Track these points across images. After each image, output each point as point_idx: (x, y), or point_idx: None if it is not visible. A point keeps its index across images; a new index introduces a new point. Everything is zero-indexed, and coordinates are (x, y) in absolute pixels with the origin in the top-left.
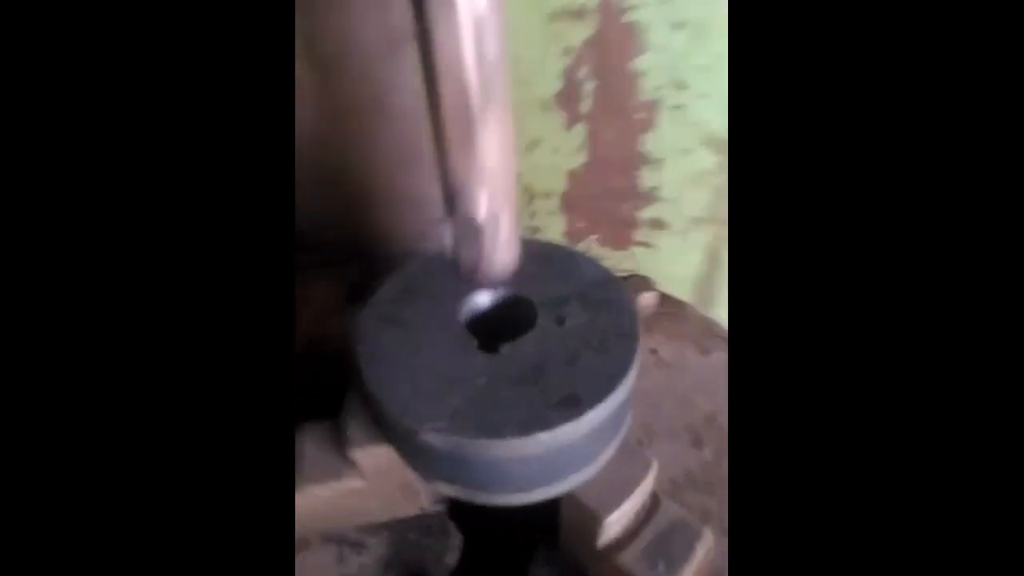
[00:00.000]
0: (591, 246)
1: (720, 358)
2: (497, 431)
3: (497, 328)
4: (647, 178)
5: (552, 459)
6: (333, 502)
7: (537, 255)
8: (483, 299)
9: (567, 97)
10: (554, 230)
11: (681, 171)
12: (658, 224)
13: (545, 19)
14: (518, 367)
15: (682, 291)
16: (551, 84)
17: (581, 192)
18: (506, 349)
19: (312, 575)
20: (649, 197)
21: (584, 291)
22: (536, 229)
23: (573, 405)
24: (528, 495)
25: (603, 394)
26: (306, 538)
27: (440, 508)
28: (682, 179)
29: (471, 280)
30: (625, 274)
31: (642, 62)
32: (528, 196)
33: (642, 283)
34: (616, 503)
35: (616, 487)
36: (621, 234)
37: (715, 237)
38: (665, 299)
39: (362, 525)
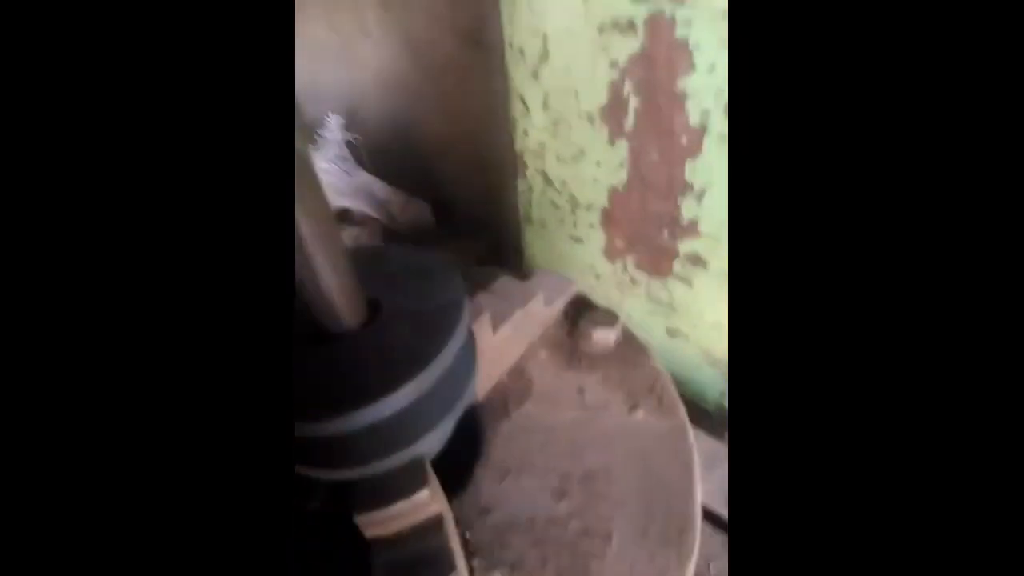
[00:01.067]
0: (627, 266)
1: (642, 420)
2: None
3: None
4: (688, 208)
5: (331, 445)
6: None
7: (421, 269)
8: None
9: (612, 111)
10: (593, 244)
11: (724, 206)
12: (697, 261)
13: (595, 30)
14: (328, 363)
15: (719, 339)
16: (598, 97)
17: (622, 210)
18: (324, 349)
19: None
20: (690, 229)
21: (425, 311)
22: (577, 239)
23: (334, 405)
24: (315, 472)
25: (362, 402)
26: None
27: None
28: (725, 215)
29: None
30: (601, 306)
31: (689, 83)
32: (572, 205)
33: (606, 317)
34: (372, 507)
35: (382, 491)
36: (659, 261)
37: None
38: (629, 339)
39: None
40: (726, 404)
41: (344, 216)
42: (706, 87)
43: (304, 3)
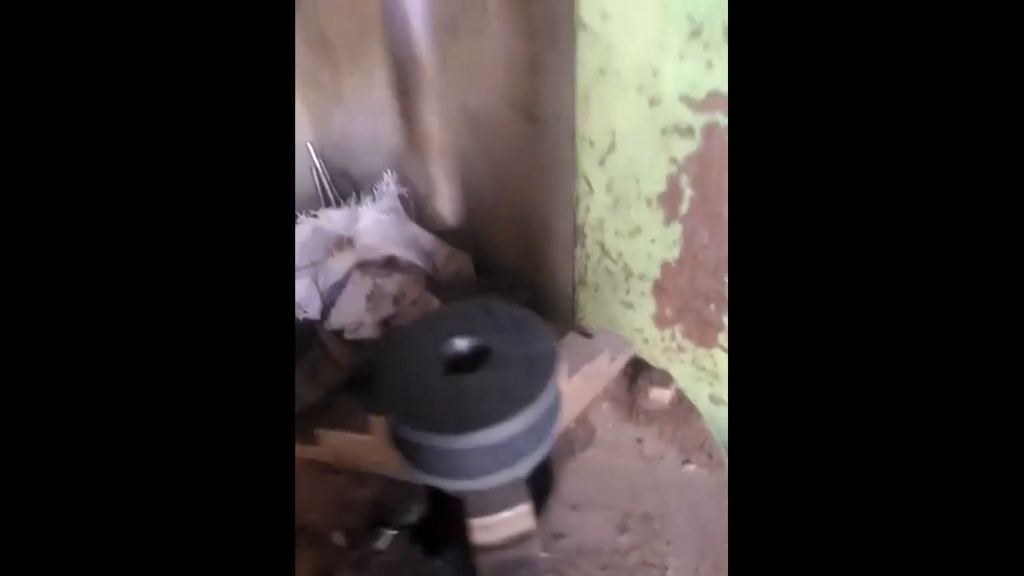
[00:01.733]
0: (676, 334)
1: (694, 472)
2: (413, 426)
3: (468, 364)
4: None
5: (456, 457)
6: (354, 447)
7: (517, 321)
8: (462, 345)
9: (669, 198)
10: (644, 311)
11: None
12: None
13: (657, 131)
14: (457, 393)
15: None
16: (657, 185)
17: (672, 283)
18: (454, 382)
19: (329, 492)
20: None
21: (528, 357)
22: (628, 304)
23: (464, 425)
24: (440, 481)
25: (487, 424)
26: (331, 466)
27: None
28: None
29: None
30: (656, 368)
31: None
32: (625, 274)
33: (662, 377)
34: (484, 511)
35: (491, 502)
36: (704, 332)
37: None
38: (682, 399)
39: (371, 471)
40: None
41: (391, 262)
42: None
43: (371, 68)
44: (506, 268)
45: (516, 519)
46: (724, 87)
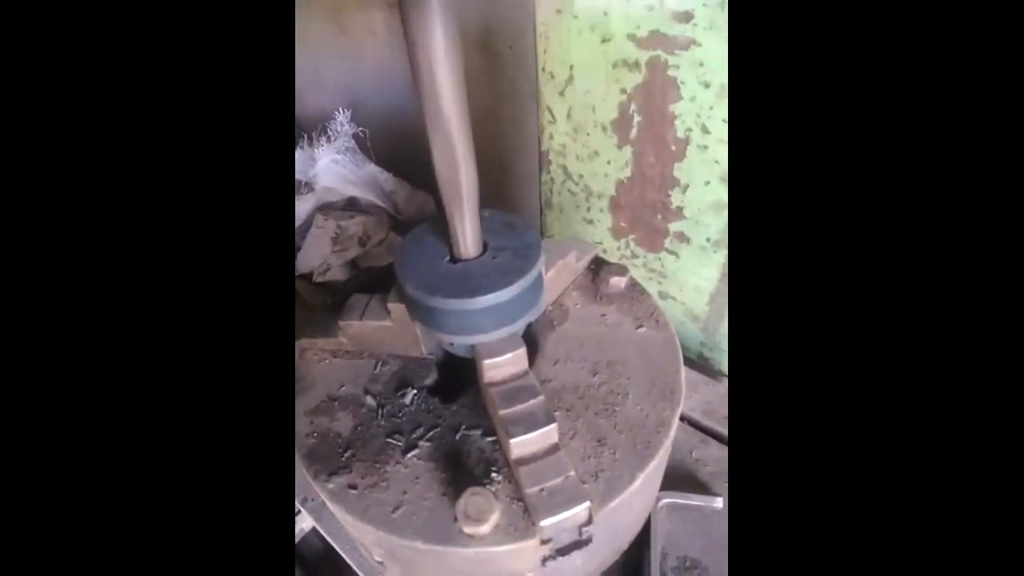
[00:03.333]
0: (629, 243)
1: (645, 332)
2: (435, 296)
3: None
4: (676, 198)
5: (469, 319)
6: (376, 332)
7: (508, 224)
8: None
9: (620, 124)
10: (603, 224)
11: (702, 198)
12: (682, 238)
13: (609, 65)
14: (465, 273)
15: (699, 301)
16: (610, 113)
17: (625, 198)
18: (460, 266)
19: (354, 371)
20: (676, 213)
21: (517, 247)
22: (589, 220)
23: (474, 292)
24: (458, 338)
25: (490, 291)
26: (361, 352)
27: (431, 356)
28: (703, 204)
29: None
30: (615, 261)
31: (677, 107)
32: (586, 194)
33: (619, 269)
34: (493, 355)
35: (497, 348)
36: (653, 239)
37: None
38: (634, 285)
39: (389, 352)
40: (705, 353)
41: (352, 204)
42: (689, 111)
43: (310, 4)
44: None
45: (516, 359)
46: (664, 27)
